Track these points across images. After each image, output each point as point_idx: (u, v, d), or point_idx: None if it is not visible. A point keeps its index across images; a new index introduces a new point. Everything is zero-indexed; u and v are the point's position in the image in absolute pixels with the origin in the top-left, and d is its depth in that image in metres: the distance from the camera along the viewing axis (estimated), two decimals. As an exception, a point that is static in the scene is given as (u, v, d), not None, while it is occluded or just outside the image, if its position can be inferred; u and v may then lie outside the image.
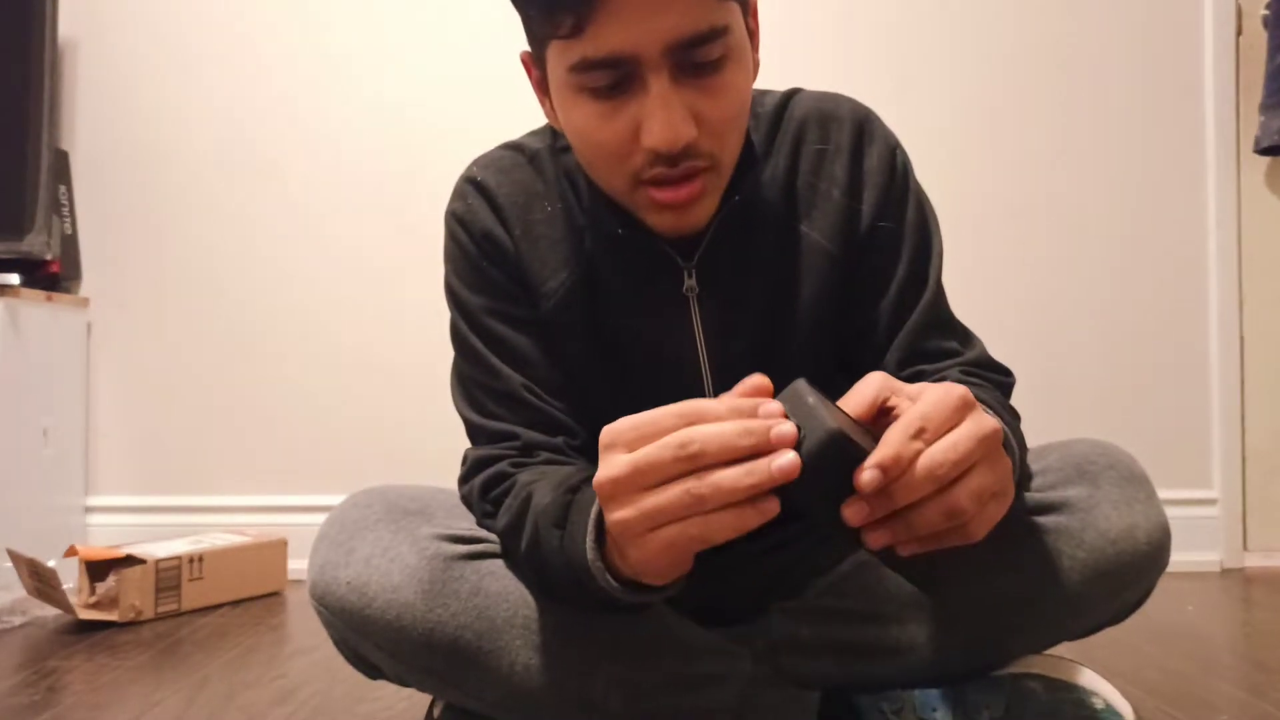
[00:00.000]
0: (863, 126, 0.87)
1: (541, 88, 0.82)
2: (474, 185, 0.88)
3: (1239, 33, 2.05)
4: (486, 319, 0.86)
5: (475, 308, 0.86)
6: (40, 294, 1.90)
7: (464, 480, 0.85)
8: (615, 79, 0.72)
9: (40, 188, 1.89)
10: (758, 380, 0.61)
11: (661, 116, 0.71)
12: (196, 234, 2.06)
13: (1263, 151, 2.00)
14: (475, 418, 0.85)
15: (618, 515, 0.60)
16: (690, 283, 0.84)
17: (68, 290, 2.04)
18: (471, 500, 0.83)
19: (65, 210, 2.01)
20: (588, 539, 0.66)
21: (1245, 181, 2.05)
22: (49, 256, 1.90)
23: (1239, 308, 2.04)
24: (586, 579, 0.67)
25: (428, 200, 2.04)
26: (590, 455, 0.73)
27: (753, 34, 0.79)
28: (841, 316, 0.86)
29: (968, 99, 2.05)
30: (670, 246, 0.83)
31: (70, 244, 2.02)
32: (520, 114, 2.03)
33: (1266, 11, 2.01)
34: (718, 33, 0.71)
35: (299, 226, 2.05)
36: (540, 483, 0.75)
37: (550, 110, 0.82)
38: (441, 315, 0.96)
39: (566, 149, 0.87)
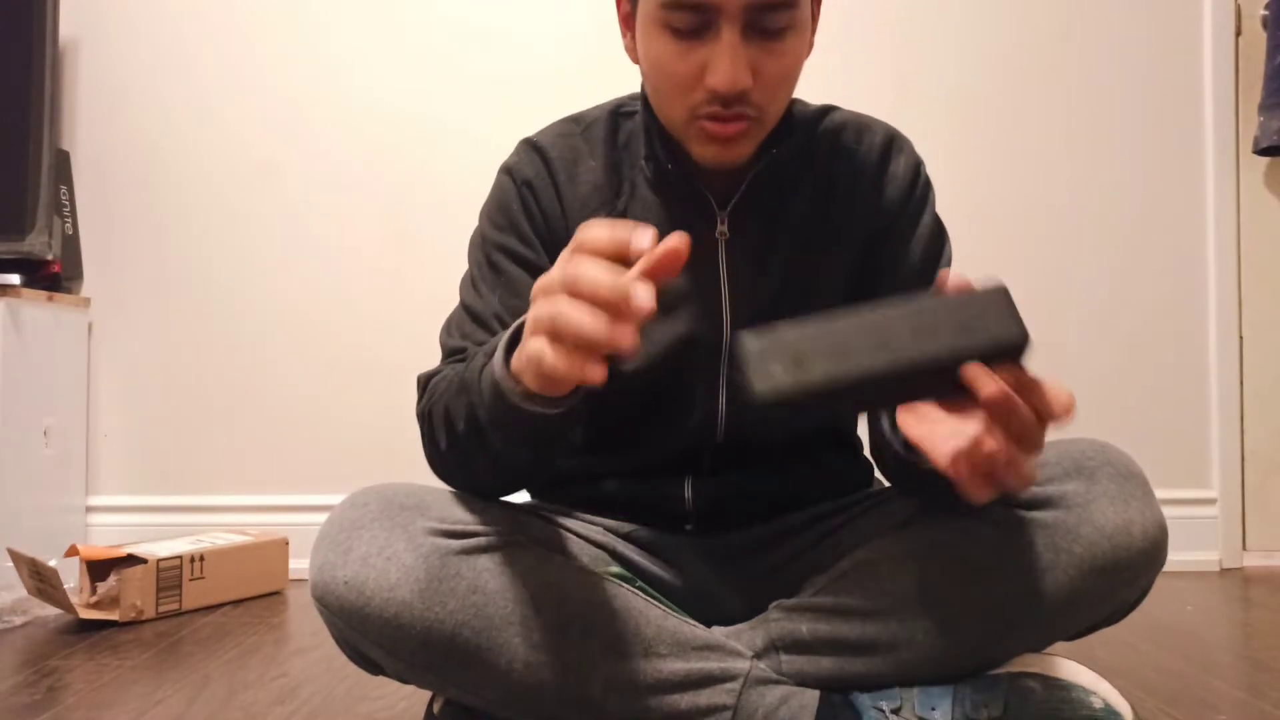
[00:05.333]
0: (893, 139, 0.98)
1: (627, 22, 0.91)
2: (530, 144, 0.98)
3: (1238, 33, 2.06)
4: (494, 252, 0.95)
5: (488, 241, 0.96)
6: (41, 294, 1.90)
7: (418, 401, 0.90)
8: (695, 23, 0.81)
9: (41, 188, 1.90)
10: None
11: (727, 63, 0.81)
12: (197, 234, 2.06)
13: (1262, 152, 2.00)
14: (444, 338, 0.95)
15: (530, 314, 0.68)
16: (722, 228, 0.93)
17: (69, 290, 2.04)
18: (420, 413, 0.89)
19: (66, 210, 2.02)
20: (499, 352, 0.74)
21: (1244, 182, 2.06)
22: (50, 256, 1.90)
23: (1238, 308, 2.05)
24: (492, 391, 0.73)
25: (428, 200, 2.05)
26: None
27: (814, 18, 0.89)
28: (852, 289, 0.95)
29: (966, 99, 2.05)
30: (709, 193, 0.92)
31: (71, 244, 2.03)
32: (522, 115, 2.03)
33: (1266, 12, 2.02)
34: (789, 5, 0.82)
35: (299, 227, 2.05)
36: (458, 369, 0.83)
37: (631, 44, 0.91)
38: (442, 316, 0.97)
39: (627, 115, 0.98)
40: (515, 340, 0.73)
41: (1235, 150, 2.04)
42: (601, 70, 2.03)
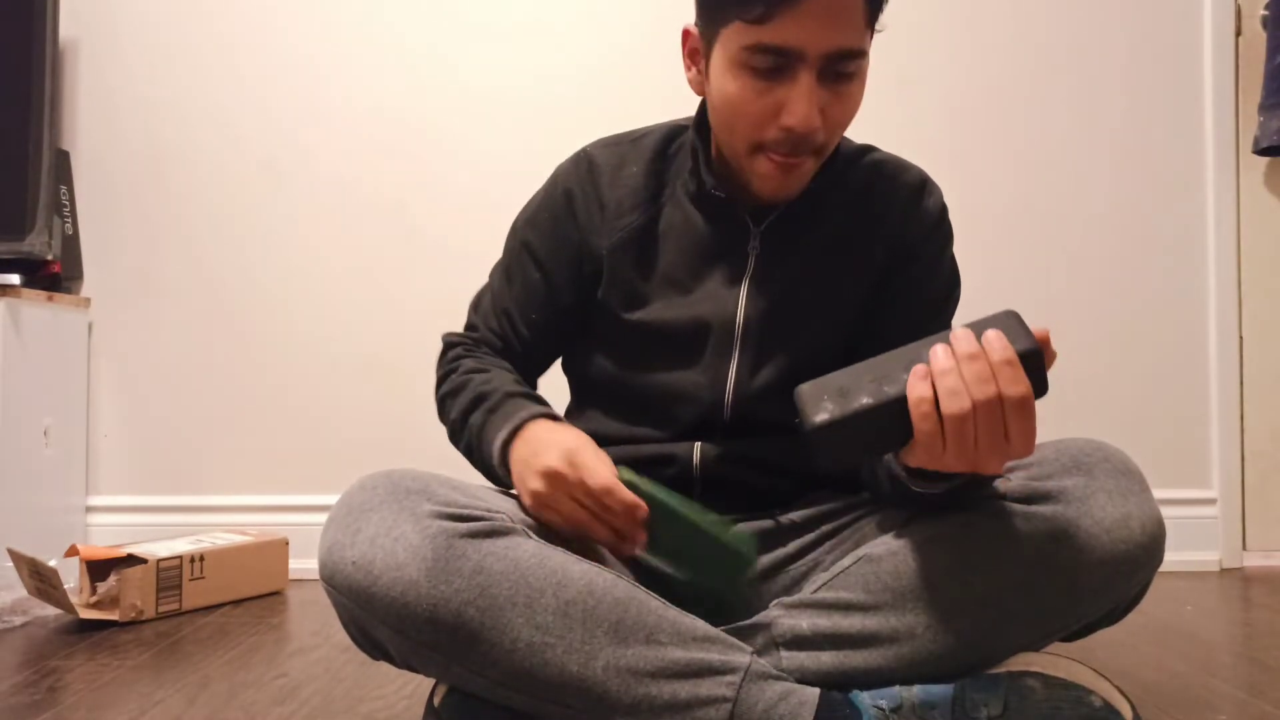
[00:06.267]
0: (926, 182, 1.04)
1: (693, 57, 0.97)
2: (584, 154, 1.07)
3: (1238, 33, 2.06)
4: (521, 250, 1.07)
5: (520, 238, 1.08)
6: (41, 294, 1.90)
7: (439, 358, 1.09)
8: (776, 65, 0.87)
9: (41, 188, 1.90)
10: None
11: (804, 105, 0.87)
12: (197, 234, 2.06)
13: (1262, 152, 2.00)
14: (471, 308, 1.12)
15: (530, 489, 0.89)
16: (754, 244, 1.00)
17: (69, 290, 2.04)
18: (439, 372, 1.07)
19: (66, 210, 2.02)
20: (495, 453, 0.94)
21: (1244, 182, 2.06)
22: (50, 256, 1.90)
23: (1238, 308, 2.05)
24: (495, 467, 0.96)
25: (428, 201, 2.05)
26: (526, 367, 1.07)
27: None
28: (866, 310, 1.01)
29: (967, 99, 2.05)
30: (747, 213, 1.00)
31: (71, 244, 2.03)
32: (521, 116, 2.04)
33: (1266, 12, 2.02)
34: (861, 53, 0.89)
35: (299, 227, 2.06)
36: (474, 380, 1.01)
37: (697, 76, 0.98)
38: (442, 315, 0.98)
39: (681, 129, 1.06)
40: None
41: (1235, 150, 2.04)
42: (600, 77, 2.04)
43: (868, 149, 1.06)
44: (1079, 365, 2.03)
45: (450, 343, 1.09)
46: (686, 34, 0.97)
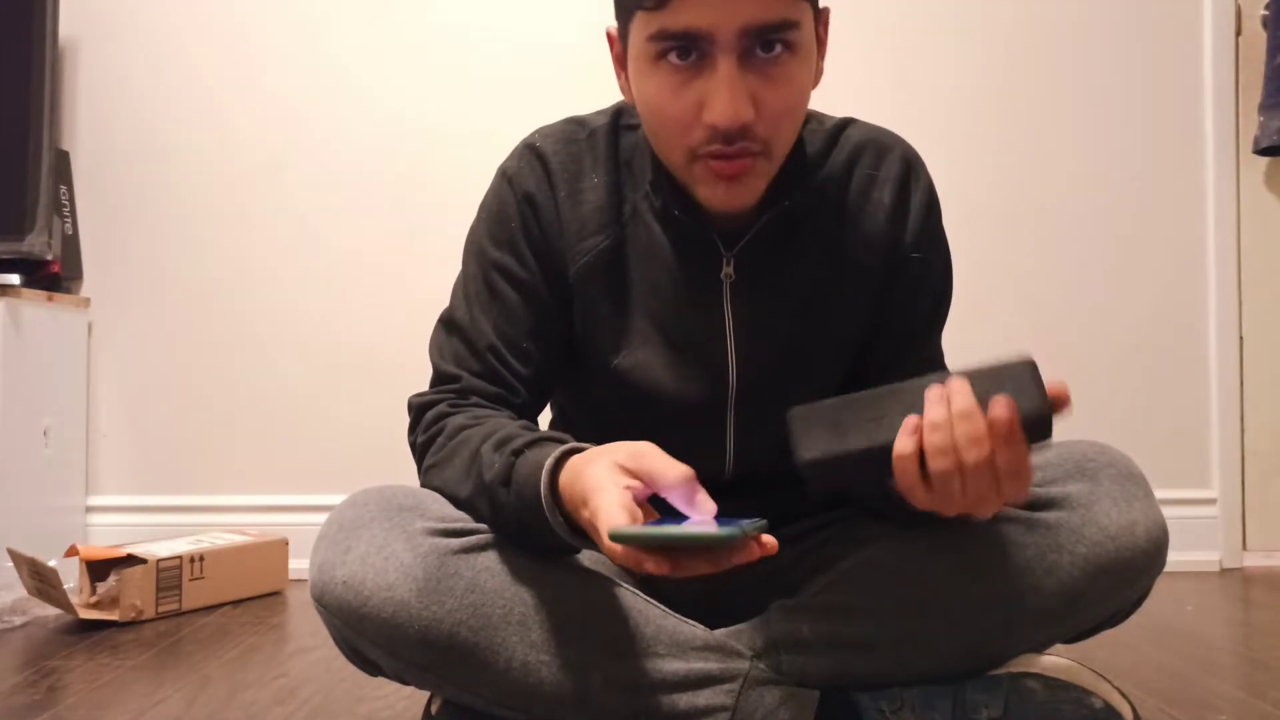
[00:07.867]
0: (911, 163, 0.92)
1: (620, 62, 0.86)
2: (532, 150, 0.92)
3: (1238, 33, 2.06)
4: (491, 271, 0.91)
5: (486, 260, 0.91)
6: (41, 294, 1.90)
7: (410, 429, 0.91)
8: (688, 55, 0.76)
9: (41, 188, 1.90)
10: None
11: (725, 96, 0.75)
12: (197, 234, 2.06)
13: (1262, 152, 2.00)
14: (437, 360, 0.92)
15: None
16: (728, 269, 0.88)
17: (68, 290, 2.04)
18: (414, 442, 0.90)
19: (66, 210, 2.02)
20: (542, 489, 0.74)
21: (1244, 182, 2.06)
22: (50, 256, 1.90)
23: (1238, 308, 2.05)
24: (539, 524, 0.75)
25: (429, 200, 2.05)
26: (529, 414, 0.89)
27: (820, 42, 0.83)
28: (865, 328, 0.92)
29: (966, 99, 2.05)
30: (715, 234, 0.87)
31: (71, 244, 2.02)
32: (524, 114, 2.03)
33: (1266, 11, 2.02)
34: (789, 24, 0.76)
35: (299, 227, 2.05)
36: (473, 433, 0.82)
37: (625, 85, 0.86)
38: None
39: (630, 128, 0.92)
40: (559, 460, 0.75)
41: (1235, 150, 2.04)
42: (604, 71, 2.04)
43: (840, 128, 0.92)
44: (1079, 365, 2.03)
45: (424, 404, 0.89)
46: (610, 38, 0.86)
